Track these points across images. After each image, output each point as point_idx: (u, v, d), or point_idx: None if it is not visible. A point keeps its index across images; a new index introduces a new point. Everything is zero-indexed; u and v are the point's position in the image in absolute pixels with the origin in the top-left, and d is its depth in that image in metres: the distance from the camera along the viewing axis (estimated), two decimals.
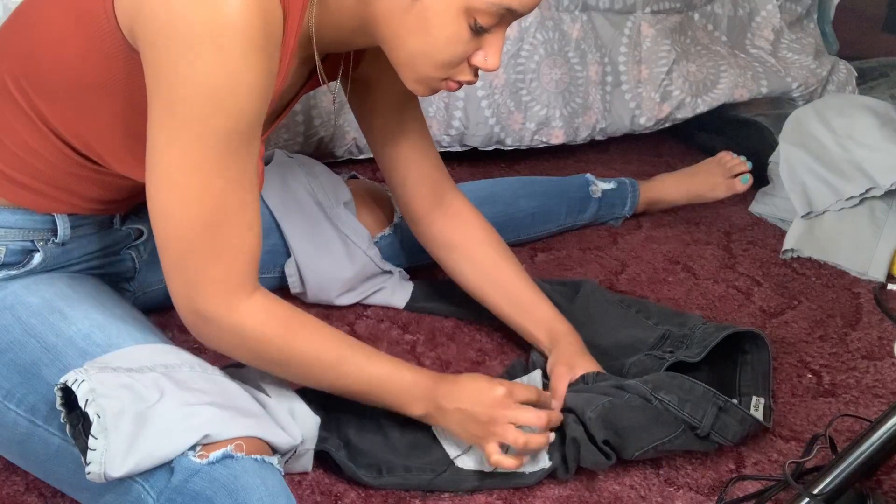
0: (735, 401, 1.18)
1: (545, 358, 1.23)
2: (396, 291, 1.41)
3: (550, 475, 1.08)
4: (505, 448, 1.04)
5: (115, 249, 1.13)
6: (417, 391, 1.02)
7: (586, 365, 1.18)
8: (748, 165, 1.74)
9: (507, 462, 1.02)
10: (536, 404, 1.07)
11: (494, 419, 1.02)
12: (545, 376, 1.20)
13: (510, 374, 1.25)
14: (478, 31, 0.93)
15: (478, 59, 0.96)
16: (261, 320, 0.92)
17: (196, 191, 0.86)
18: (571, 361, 1.18)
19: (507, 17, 0.93)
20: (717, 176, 1.75)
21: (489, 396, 1.02)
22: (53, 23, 0.90)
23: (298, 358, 0.96)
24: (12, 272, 1.00)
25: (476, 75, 0.98)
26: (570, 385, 1.15)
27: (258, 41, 0.82)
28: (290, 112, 1.12)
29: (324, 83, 1.06)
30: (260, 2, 0.82)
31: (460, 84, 0.99)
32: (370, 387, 1.01)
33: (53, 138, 0.95)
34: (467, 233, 1.29)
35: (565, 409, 1.12)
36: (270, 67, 0.86)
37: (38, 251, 1.01)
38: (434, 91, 1.00)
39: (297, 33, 0.93)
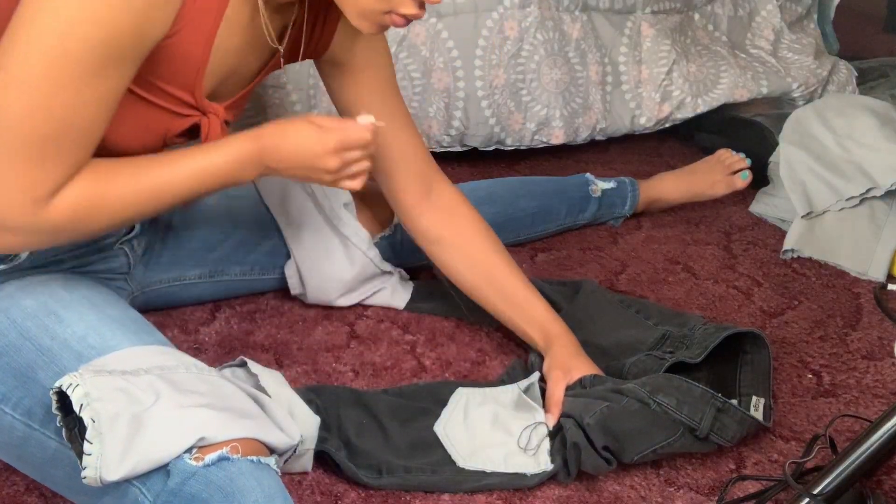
0: (734, 401, 1.18)
1: (542, 359, 1.23)
2: (396, 292, 1.41)
3: (552, 477, 1.08)
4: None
5: (105, 244, 1.12)
6: (242, 166, 0.99)
7: (582, 367, 1.17)
8: (747, 162, 1.74)
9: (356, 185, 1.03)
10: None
11: (325, 169, 1.00)
12: (542, 380, 1.20)
13: (510, 375, 1.24)
14: None
15: None
16: (68, 207, 0.88)
17: (44, 99, 0.82)
18: (567, 364, 1.17)
19: None
20: (717, 173, 1.75)
21: (316, 149, 1.00)
22: None
23: (120, 211, 0.93)
24: (1, 267, 0.99)
25: (422, 8, 0.96)
26: (568, 388, 1.15)
27: None
28: (255, 86, 1.10)
29: (272, 42, 1.03)
30: None
31: (406, 19, 0.96)
32: (200, 187, 0.97)
33: None
34: (459, 227, 1.27)
35: (564, 415, 1.12)
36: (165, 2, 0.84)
37: None
38: (382, 27, 0.99)
39: None
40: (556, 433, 1.11)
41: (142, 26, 0.84)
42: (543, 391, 1.18)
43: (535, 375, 1.20)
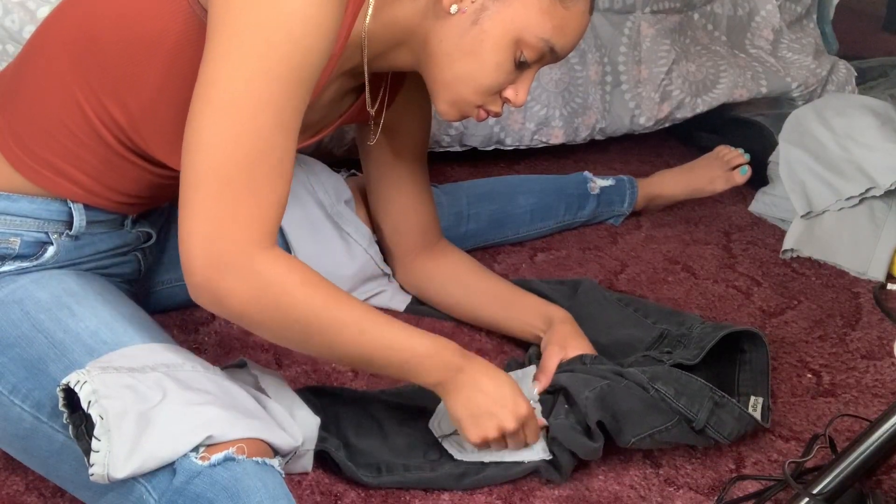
0: (734, 399, 1.18)
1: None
2: (396, 296, 1.41)
3: (548, 480, 1.08)
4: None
5: (123, 251, 1.13)
6: (432, 360, 0.97)
7: (580, 345, 1.19)
8: (746, 157, 1.74)
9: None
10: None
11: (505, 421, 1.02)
12: (538, 359, 1.21)
13: (506, 371, 1.24)
14: (519, 65, 0.99)
15: (509, 93, 1.02)
16: (284, 269, 0.88)
17: (249, 125, 0.83)
18: (564, 342, 1.19)
19: (546, 57, 1.00)
20: (716, 169, 1.74)
21: (514, 404, 1.02)
22: None
23: (319, 313, 0.90)
24: (25, 264, 1.00)
25: (502, 108, 1.04)
26: (568, 363, 1.15)
27: None
28: (326, 135, 1.14)
29: (370, 108, 1.08)
30: None
31: (488, 114, 1.04)
32: (389, 351, 0.94)
33: (95, 121, 0.96)
34: (450, 265, 1.34)
35: (558, 389, 1.12)
36: (337, 22, 0.87)
37: (52, 244, 1.01)
38: (463, 116, 1.04)
39: (349, 31, 0.95)
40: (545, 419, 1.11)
41: (327, 49, 0.87)
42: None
43: (532, 367, 1.20)
